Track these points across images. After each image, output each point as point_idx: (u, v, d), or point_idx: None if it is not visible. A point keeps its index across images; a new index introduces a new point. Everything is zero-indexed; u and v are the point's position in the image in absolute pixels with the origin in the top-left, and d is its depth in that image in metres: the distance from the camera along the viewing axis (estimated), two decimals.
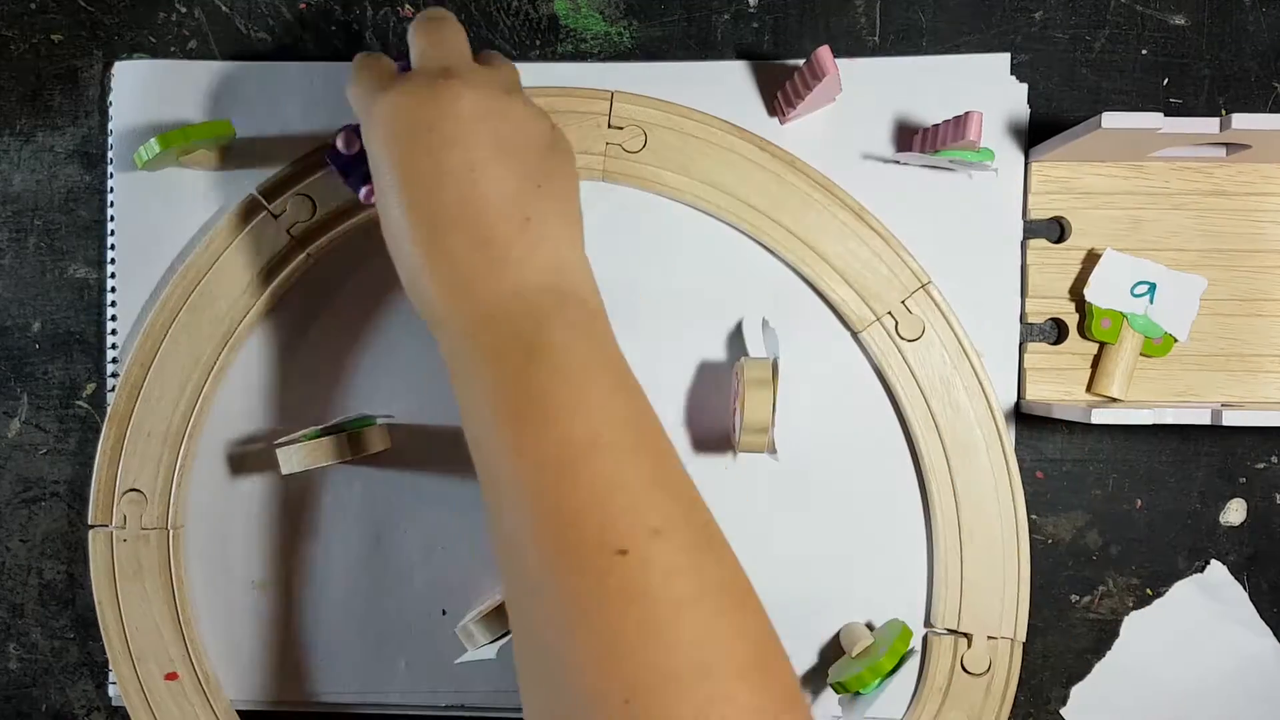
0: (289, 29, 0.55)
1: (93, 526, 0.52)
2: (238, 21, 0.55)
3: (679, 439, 0.53)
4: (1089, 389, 0.52)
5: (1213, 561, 0.53)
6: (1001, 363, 0.52)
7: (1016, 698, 0.52)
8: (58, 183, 0.55)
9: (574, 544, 0.33)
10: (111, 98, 0.54)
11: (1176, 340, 0.51)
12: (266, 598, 0.54)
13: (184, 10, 0.55)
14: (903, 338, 0.51)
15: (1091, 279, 0.51)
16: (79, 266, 0.55)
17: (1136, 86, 0.53)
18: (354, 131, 0.46)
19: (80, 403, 0.55)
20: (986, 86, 0.52)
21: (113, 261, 0.54)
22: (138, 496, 0.52)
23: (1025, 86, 0.52)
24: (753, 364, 0.47)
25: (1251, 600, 0.53)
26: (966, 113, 0.47)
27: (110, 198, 0.54)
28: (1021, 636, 0.51)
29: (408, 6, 0.54)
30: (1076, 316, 0.52)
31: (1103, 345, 0.52)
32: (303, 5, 0.55)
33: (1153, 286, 0.51)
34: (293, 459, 0.49)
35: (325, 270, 0.54)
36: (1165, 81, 0.53)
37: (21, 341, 0.55)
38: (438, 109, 0.38)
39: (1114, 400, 0.51)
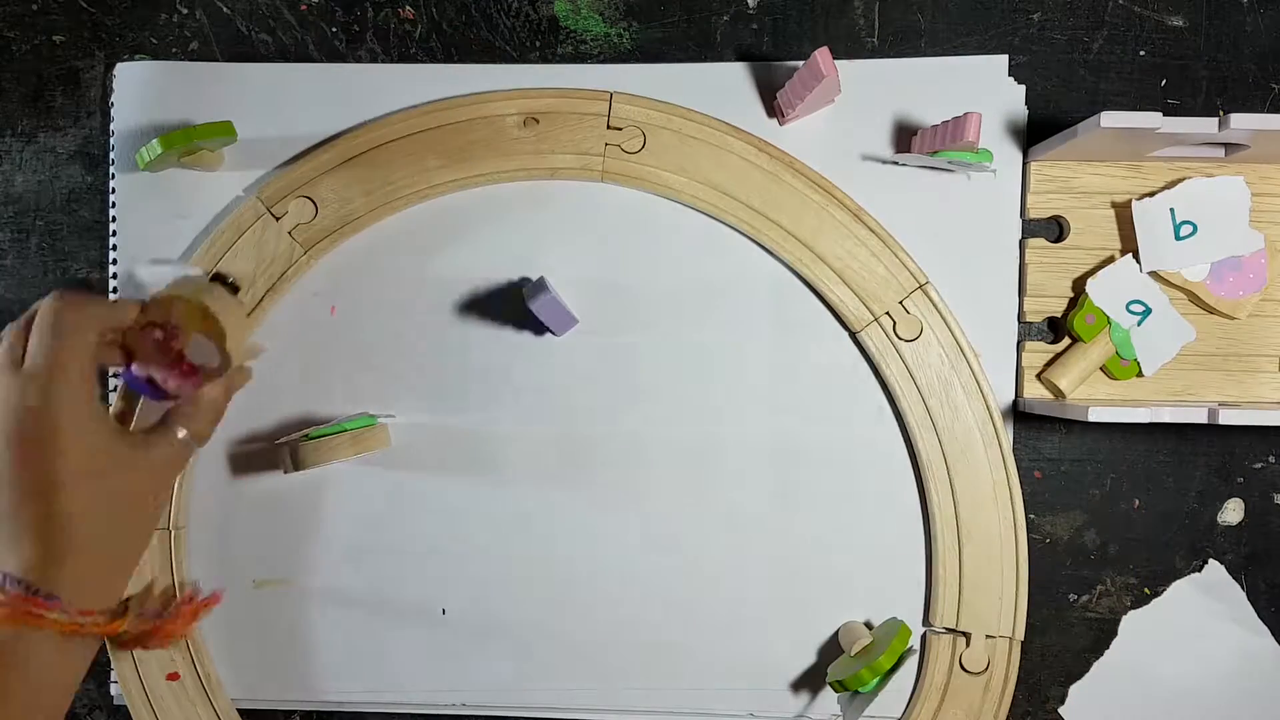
0: (290, 30, 0.55)
1: None
2: (239, 23, 0.55)
3: (676, 438, 0.53)
4: (1040, 374, 0.52)
5: (1210, 561, 0.53)
6: (1000, 362, 0.53)
7: (1015, 696, 0.52)
8: (60, 183, 0.55)
9: None
10: (113, 99, 0.54)
11: (1141, 373, 0.51)
12: (267, 597, 0.55)
13: (185, 11, 0.55)
14: (901, 338, 0.51)
15: (1100, 274, 0.51)
16: (81, 267, 0.55)
17: (1134, 87, 0.53)
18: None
19: None
20: (985, 88, 0.52)
21: (114, 262, 0.54)
22: None
23: (1023, 88, 0.52)
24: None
25: (1249, 599, 0.53)
26: (965, 114, 0.47)
27: (112, 198, 0.54)
28: (1020, 635, 0.51)
29: (408, 8, 0.54)
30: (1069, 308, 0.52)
31: (1074, 340, 0.52)
32: (303, 6, 0.55)
33: (1148, 311, 0.51)
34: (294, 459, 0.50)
35: (326, 271, 0.54)
36: (1163, 82, 0.53)
37: None
38: None
39: (1059, 394, 0.51)
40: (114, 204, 0.54)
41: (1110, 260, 0.51)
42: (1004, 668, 0.51)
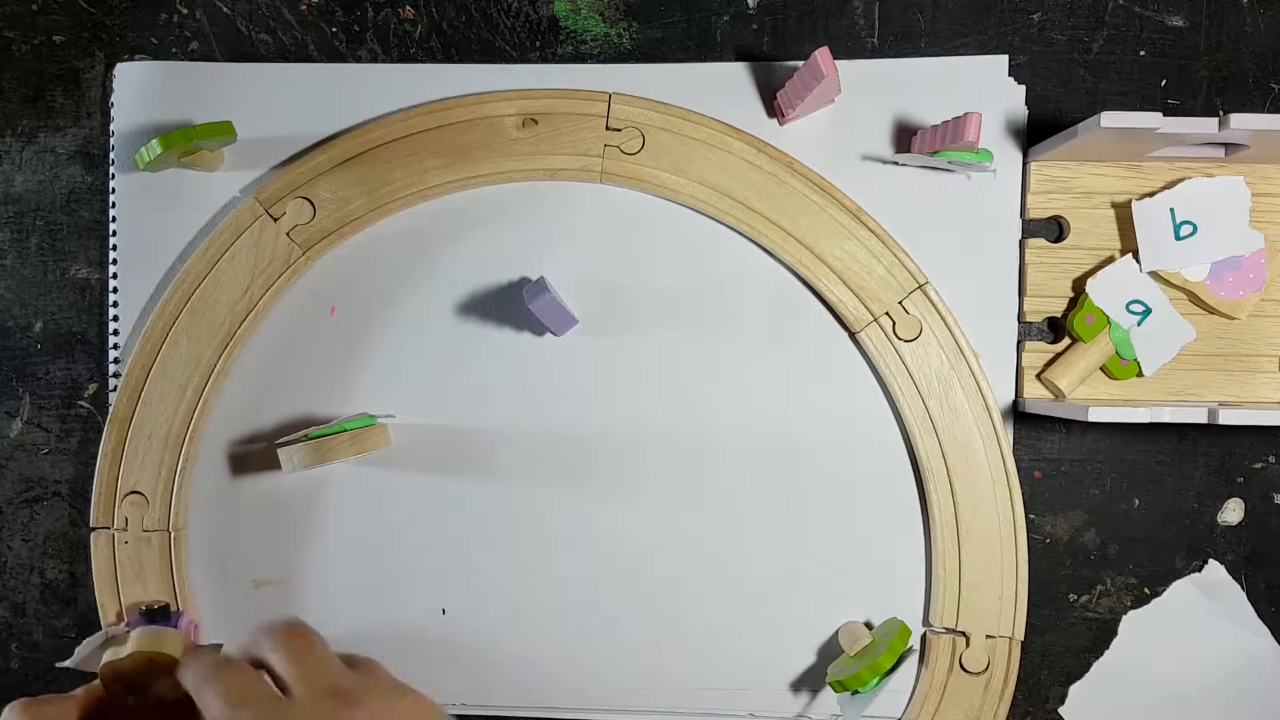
0: (290, 30, 0.55)
1: (94, 529, 0.53)
2: (239, 23, 0.55)
3: (675, 438, 0.53)
4: (1040, 374, 0.52)
5: (1210, 561, 0.53)
6: (1000, 362, 0.52)
7: (1015, 696, 0.52)
8: (59, 183, 0.55)
9: None
10: (113, 99, 0.54)
11: (1141, 373, 0.51)
12: (268, 598, 0.55)
13: (185, 11, 0.55)
14: (900, 338, 0.51)
15: (1100, 274, 0.51)
16: (81, 267, 0.55)
17: (1134, 87, 0.53)
18: None
19: (82, 403, 0.55)
20: (985, 88, 0.52)
21: (114, 262, 0.54)
22: (139, 499, 0.52)
23: (1023, 88, 0.52)
24: None
25: (1249, 599, 0.53)
26: (965, 114, 0.47)
27: (112, 199, 0.54)
28: (1020, 635, 0.51)
29: (408, 8, 0.54)
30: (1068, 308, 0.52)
31: (1074, 340, 0.52)
32: (304, 6, 0.55)
33: (1148, 311, 0.51)
34: (294, 459, 0.50)
35: (324, 272, 0.54)
36: (1163, 82, 0.53)
37: (24, 342, 0.55)
38: None
39: (1059, 394, 0.51)
40: (114, 204, 0.54)
41: (1110, 260, 0.51)
42: (1004, 668, 0.51)
